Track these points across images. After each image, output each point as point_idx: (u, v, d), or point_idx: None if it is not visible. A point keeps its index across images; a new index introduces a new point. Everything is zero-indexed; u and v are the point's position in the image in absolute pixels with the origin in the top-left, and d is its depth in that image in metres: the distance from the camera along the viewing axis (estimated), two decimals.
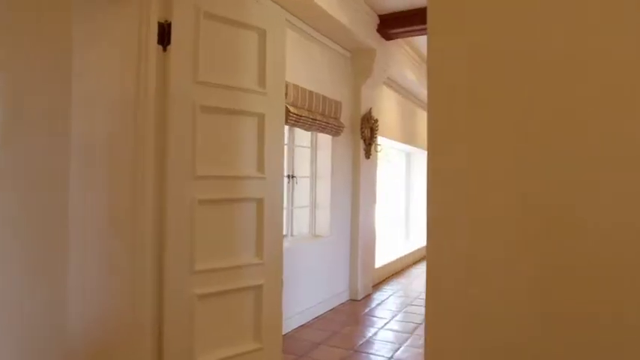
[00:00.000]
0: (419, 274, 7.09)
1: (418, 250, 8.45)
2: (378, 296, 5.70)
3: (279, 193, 2.25)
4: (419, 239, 9.17)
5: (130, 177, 1.79)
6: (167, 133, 1.86)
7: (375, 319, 4.79)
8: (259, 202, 2.13)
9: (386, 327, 4.50)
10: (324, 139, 5.15)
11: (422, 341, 4.10)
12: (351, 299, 5.45)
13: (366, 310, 5.08)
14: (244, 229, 2.08)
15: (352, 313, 4.95)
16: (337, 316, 4.83)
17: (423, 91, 7.77)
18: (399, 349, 3.93)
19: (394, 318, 4.79)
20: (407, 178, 9.47)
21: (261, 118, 2.14)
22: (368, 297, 5.63)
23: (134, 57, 1.83)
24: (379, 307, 5.20)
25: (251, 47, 2.12)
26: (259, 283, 2.11)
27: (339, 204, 5.30)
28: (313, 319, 4.65)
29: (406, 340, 4.14)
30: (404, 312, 5.02)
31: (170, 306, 1.84)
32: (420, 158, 9.40)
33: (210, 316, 1.95)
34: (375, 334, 4.30)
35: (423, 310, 5.01)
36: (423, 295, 5.68)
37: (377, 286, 6.18)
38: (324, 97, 4.77)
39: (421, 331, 4.37)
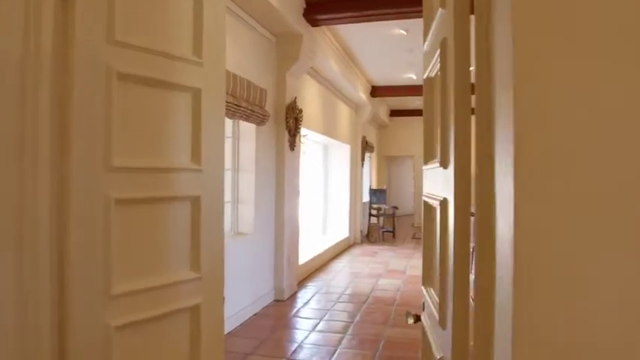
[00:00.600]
0: (340, 269, 6.95)
1: (337, 244, 8.34)
2: (304, 295, 5.42)
3: (219, 190, 1.83)
4: (337, 233, 9.08)
5: (16, 167, 1.26)
6: (70, 107, 1.35)
7: (304, 320, 4.49)
8: (195, 200, 1.70)
9: (317, 329, 4.23)
10: (248, 128, 4.72)
11: (356, 341, 3.90)
12: (276, 300, 5.10)
13: (294, 312, 4.77)
14: (176, 236, 1.63)
15: (280, 316, 4.60)
16: (264, 320, 4.45)
17: (345, 84, 7.61)
18: (335, 351, 3.67)
19: (323, 318, 4.53)
20: (325, 171, 9.31)
21: (196, 94, 1.70)
22: (293, 296, 5.32)
23: (20, 4, 1.31)
24: (306, 307, 4.92)
25: (185, 5, 1.67)
26: (196, 303, 1.68)
27: (263, 199, 4.91)
28: (239, 326, 4.23)
29: (340, 341, 3.90)
30: (332, 310, 4.79)
31: (76, 345, 1.34)
32: (338, 150, 9.28)
33: (133, 353, 1.48)
34: (307, 337, 4.01)
35: (351, 307, 4.79)
36: (348, 292, 5.54)
37: (301, 283, 5.89)
38: (249, 83, 4.34)
39: (353, 330, 4.17)
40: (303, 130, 6.03)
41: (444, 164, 1.25)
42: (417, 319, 1.66)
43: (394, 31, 6.08)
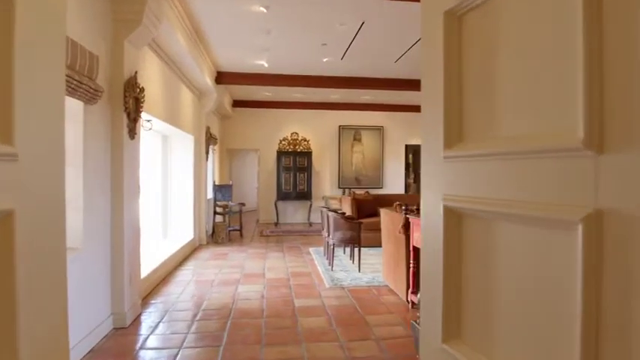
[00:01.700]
0: (190, 279, 6.02)
1: (181, 248, 7.32)
2: (150, 317, 4.41)
3: (55, 193, 0.96)
4: (180, 235, 8.02)
5: None
6: None
7: (155, 353, 3.56)
8: (5, 218, 0.83)
9: None
10: (72, 107, 3.54)
11: None
12: (116, 328, 4.00)
13: (141, 342, 3.78)
14: None
15: (123, 350, 3.57)
16: (103, 359, 3.38)
17: (191, 65, 6.63)
18: None
19: (182, 346, 3.67)
20: (164, 165, 8.12)
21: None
22: (138, 321, 4.27)
23: None
24: (156, 334, 3.96)
25: None
26: None
27: (95, 201, 3.77)
28: None
29: None
30: (190, 334, 3.94)
31: None
32: (181, 142, 8.20)
33: None
34: None
35: (213, 326, 3.98)
36: (206, 306, 4.71)
37: (145, 302, 4.84)
38: (75, 44, 3.21)
39: (222, 357, 3.42)
40: (144, 115, 4.94)
41: (593, 144, 0.67)
42: None
43: (253, 8, 5.42)
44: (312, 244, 8.84)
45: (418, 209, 4.86)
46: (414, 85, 9.16)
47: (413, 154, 15.05)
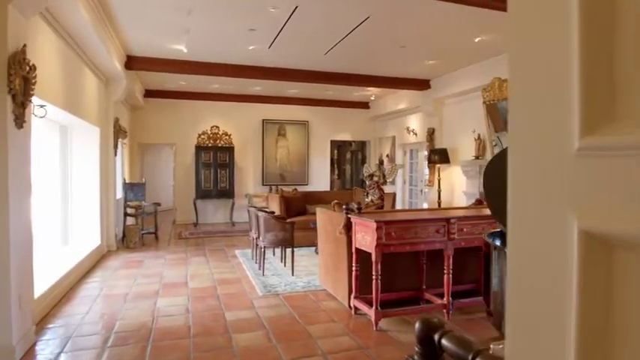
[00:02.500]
0: (97, 294, 5.18)
1: (86, 257, 6.37)
2: (48, 347, 3.61)
3: None
4: (84, 242, 7.01)
5: None
6: None
7: None
8: None
9: None
10: None
11: None
12: None
13: None
14: None
15: None
16: None
17: (96, 45, 5.72)
18: None
19: None
20: (63, 160, 7.03)
21: None
22: (31, 353, 3.47)
23: None
24: None
25: None
26: None
27: None
28: None
29: None
30: None
31: None
32: (84, 134, 7.16)
33: None
34: None
35: (130, 354, 3.28)
36: (119, 328, 3.96)
37: (40, 327, 3.99)
38: None
39: None
40: (36, 100, 4.07)
41: None
42: None
43: None
44: (238, 246, 8.24)
45: (359, 208, 4.53)
46: (342, 79, 8.90)
47: (338, 149, 14.93)
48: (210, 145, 11.33)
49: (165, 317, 4.28)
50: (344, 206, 4.55)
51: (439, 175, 9.02)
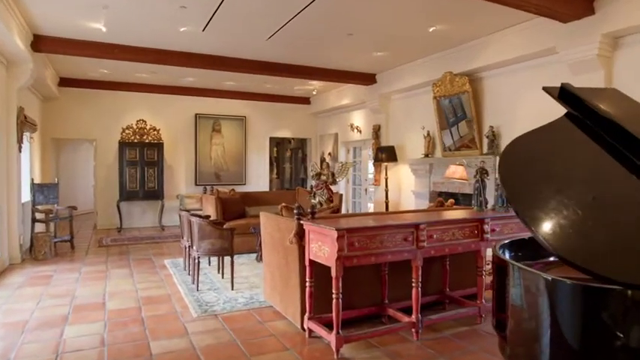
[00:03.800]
0: (14, 310, 4.16)
1: None
2: None
3: None
4: None
5: None
6: None
7: None
8: None
9: None
10: None
11: None
12: None
13: None
14: None
15: None
16: None
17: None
18: None
19: None
20: None
21: None
22: None
23: None
24: None
25: None
26: None
27: None
28: None
29: None
30: None
31: None
32: None
33: None
34: None
35: None
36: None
37: None
38: None
39: None
40: None
41: None
42: None
43: None
44: (168, 255, 7.33)
45: (313, 212, 3.92)
46: (283, 70, 8.24)
47: (277, 147, 14.22)
48: (136, 140, 10.21)
49: (73, 353, 3.42)
50: (295, 210, 3.92)
51: (386, 174, 8.64)
